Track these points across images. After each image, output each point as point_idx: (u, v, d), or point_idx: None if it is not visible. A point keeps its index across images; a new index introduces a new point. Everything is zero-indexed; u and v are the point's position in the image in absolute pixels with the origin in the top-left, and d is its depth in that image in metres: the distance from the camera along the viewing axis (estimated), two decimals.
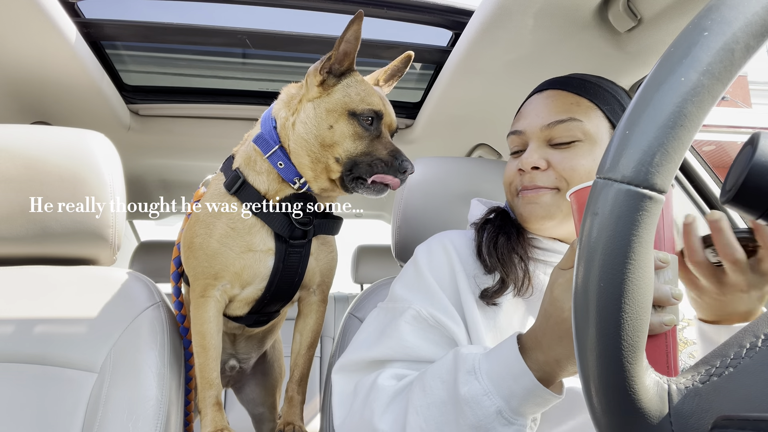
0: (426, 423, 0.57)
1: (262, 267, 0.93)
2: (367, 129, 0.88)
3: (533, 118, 0.77)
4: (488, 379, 0.54)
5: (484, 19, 1.01)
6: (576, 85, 0.77)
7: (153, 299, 0.91)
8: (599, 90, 0.77)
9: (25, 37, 1.08)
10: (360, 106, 0.88)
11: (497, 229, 0.79)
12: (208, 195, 0.97)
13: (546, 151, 0.74)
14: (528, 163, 0.74)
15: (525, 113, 0.80)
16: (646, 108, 0.31)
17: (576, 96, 0.76)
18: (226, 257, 0.91)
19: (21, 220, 0.90)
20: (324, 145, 0.88)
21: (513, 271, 0.72)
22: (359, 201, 2.36)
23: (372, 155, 0.88)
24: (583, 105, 0.75)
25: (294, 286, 0.98)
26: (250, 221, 0.91)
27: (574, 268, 0.33)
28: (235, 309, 1.00)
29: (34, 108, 1.37)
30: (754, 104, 10.91)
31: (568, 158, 0.73)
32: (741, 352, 0.31)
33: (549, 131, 0.74)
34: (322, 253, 1.00)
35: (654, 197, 0.31)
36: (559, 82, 0.79)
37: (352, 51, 0.88)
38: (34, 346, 0.83)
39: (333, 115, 0.88)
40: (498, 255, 0.74)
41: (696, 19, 0.31)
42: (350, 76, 0.91)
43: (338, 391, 0.72)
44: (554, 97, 0.77)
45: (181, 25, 1.24)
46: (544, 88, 0.80)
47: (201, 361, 0.93)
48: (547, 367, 0.52)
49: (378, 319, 0.76)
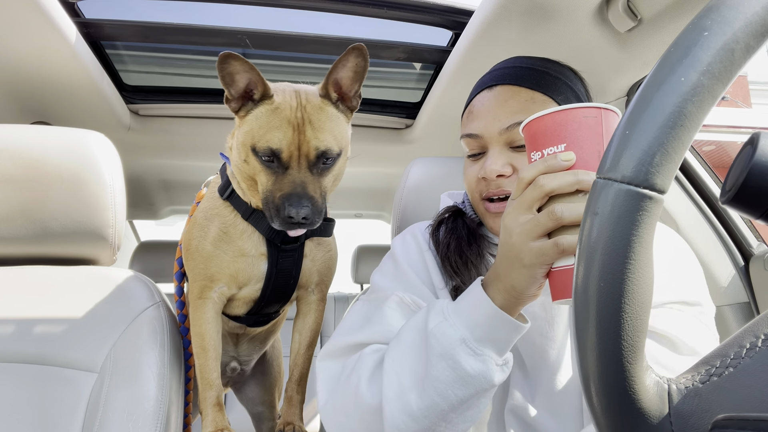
0: (400, 365, 0.60)
1: (255, 271, 0.93)
2: (269, 167, 0.82)
3: (490, 121, 0.73)
4: (453, 313, 0.57)
5: (484, 19, 1.01)
6: (526, 78, 0.74)
7: (153, 299, 0.91)
8: (550, 79, 0.74)
9: (25, 37, 1.08)
10: (259, 143, 0.81)
11: (449, 233, 0.77)
12: (204, 198, 0.98)
13: (509, 155, 0.72)
14: (493, 171, 0.71)
15: (478, 113, 0.75)
16: (646, 108, 0.31)
17: (530, 91, 0.72)
18: (221, 260, 0.91)
19: (21, 220, 0.90)
20: (248, 177, 0.86)
21: (467, 278, 0.71)
22: (359, 201, 2.36)
23: (273, 196, 0.81)
24: (538, 100, 0.72)
25: (290, 288, 0.99)
26: (242, 226, 0.92)
27: (574, 268, 0.33)
28: (235, 308, 1.00)
29: (34, 108, 1.37)
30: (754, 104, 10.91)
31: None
32: (741, 352, 0.31)
33: (508, 134, 0.71)
34: (319, 253, 1.00)
35: (654, 197, 0.31)
36: (509, 75, 0.75)
37: (255, 78, 0.82)
38: (34, 346, 0.83)
39: (244, 149, 0.84)
40: (452, 261, 0.74)
41: (696, 19, 0.31)
42: (263, 105, 0.83)
43: (323, 376, 0.71)
44: (507, 95, 0.73)
45: (181, 25, 1.24)
46: (493, 84, 0.76)
47: (201, 362, 0.93)
48: (505, 294, 0.55)
49: (362, 310, 0.76)
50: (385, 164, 1.85)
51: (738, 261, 1.32)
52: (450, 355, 0.55)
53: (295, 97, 0.83)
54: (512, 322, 0.55)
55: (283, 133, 0.80)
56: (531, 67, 0.75)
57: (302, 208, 0.78)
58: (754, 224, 1.34)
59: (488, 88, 0.76)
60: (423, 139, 1.63)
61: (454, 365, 0.55)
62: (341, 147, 0.85)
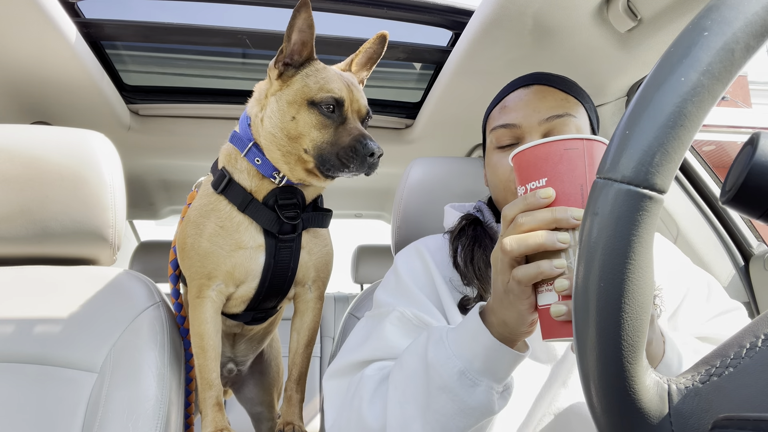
0: (402, 395, 0.60)
1: (253, 264, 0.93)
2: (330, 117, 0.87)
3: (529, 112, 0.76)
4: (453, 343, 0.58)
5: (484, 19, 1.01)
6: (559, 82, 0.80)
7: (153, 299, 0.91)
8: (578, 89, 0.80)
9: (25, 37, 1.08)
10: (319, 95, 0.86)
11: (472, 241, 0.78)
12: (197, 196, 0.98)
13: None
14: None
15: (515, 106, 0.78)
16: (646, 108, 0.31)
17: (563, 93, 0.78)
18: (218, 256, 0.91)
19: (21, 220, 0.90)
20: (291, 138, 0.88)
21: (489, 285, 0.72)
22: (359, 201, 2.36)
23: (337, 144, 0.86)
24: (571, 101, 0.77)
25: (288, 281, 0.99)
26: (238, 219, 0.91)
27: (575, 267, 0.33)
28: (232, 307, 1.00)
29: (34, 108, 1.37)
30: (754, 104, 10.91)
31: None
32: (741, 352, 0.31)
33: (548, 125, 0.75)
34: (316, 246, 1.00)
35: (654, 197, 0.31)
36: (543, 78, 0.80)
37: (308, 39, 0.87)
38: (34, 346, 0.83)
39: (294, 107, 0.87)
40: (475, 270, 0.75)
41: (696, 19, 0.31)
42: (310, 66, 0.89)
43: (330, 395, 0.73)
44: (545, 93, 0.78)
45: (181, 25, 1.24)
46: (529, 83, 0.80)
47: (200, 362, 0.93)
48: (499, 328, 0.55)
49: (365, 327, 0.78)
50: (385, 164, 1.83)
51: (738, 261, 1.32)
52: (450, 388, 0.56)
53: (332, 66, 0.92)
54: (510, 352, 0.55)
55: (341, 85, 0.88)
56: (558, 76, 0.81)
57: (375, 144, 0.85)
58: (754, 224, 1.34)
59: (525, 86, 0.80)
60: (423, 139, 1.63)
61: (455, 398, 0.55)
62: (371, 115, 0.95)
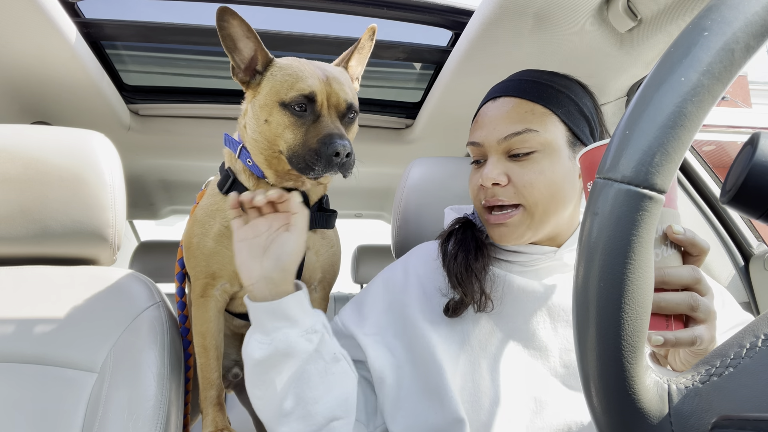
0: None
1: None
2: (301, 116, 0.81)
3: (490, 130, 0.76)
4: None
5: (484, 19, 1.01)
6: (529, 90, 0.76)
7: (153, 299, 0.91)
8: (552, 92, 0.76)
9: (25, 37, 1.08)
10: (289, 94, 0.81)
11: (458, 244, 0.80)
12: (204, 196, 0.98)
13: (506, 165, 0.75)
14: (488, 179, 0.74)
15: (481, 123, 0.79)
16: (646, 108, 0.31)
17: (530, 103, 0.75)
18: (223, 256, 0.90)
19: (21, 220, 0.90)
20: (268, 141, 0.85)
21: (470, 291, 0.74)
22: (359, 201, 2.36)
23: (306, 145, 0.81)
24: (537, 112, 0.74)
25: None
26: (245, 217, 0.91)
27: (575, 267, 0.33)
28: (239, 306, 1.00)
29: (34, 108, 1.37)
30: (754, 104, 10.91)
31: (526, 172, 0.73)
32: (741, 352, 0.31)
33: (506, 144, 0.74)
34: (323, 247, 0.99)
35: (654, 197, 0.31)
36: (513, 88, 0.78)
37: (255, 44, 0.83)
38: (34, 346, 0.83)
39: (266, 110, 0.84)
40: (456, 274, 0.76)
41: (696, 19, 0.31)
42: (272, 66, 0.85)
43: None
44: (508, 107, 0.76)
45: (181, 25, 1.24)
46: (498, 95, 0.79)
47: (202, 361, 0.93)
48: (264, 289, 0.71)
49: None
50: (385, 164, 1.85)
51: (738, 261, 1.32)
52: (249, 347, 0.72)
53: (308, 61, 0.87)
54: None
55: (312, 81, 0.82)
56: (536, 80, 0.78)
57: (344, 143, 0.77)
58: (754, 224, 1.34)
59: (493, 99, 0.79)
60: (423, 139, 1.63)
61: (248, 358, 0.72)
62: (356, 108, 0.88)
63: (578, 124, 0.76)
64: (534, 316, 0.75)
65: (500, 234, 0.76)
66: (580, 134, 0.76)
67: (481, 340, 0.75)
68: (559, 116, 0.75)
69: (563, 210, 0.75)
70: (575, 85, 0.79)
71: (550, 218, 0.75)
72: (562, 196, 0.74)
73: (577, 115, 0.76)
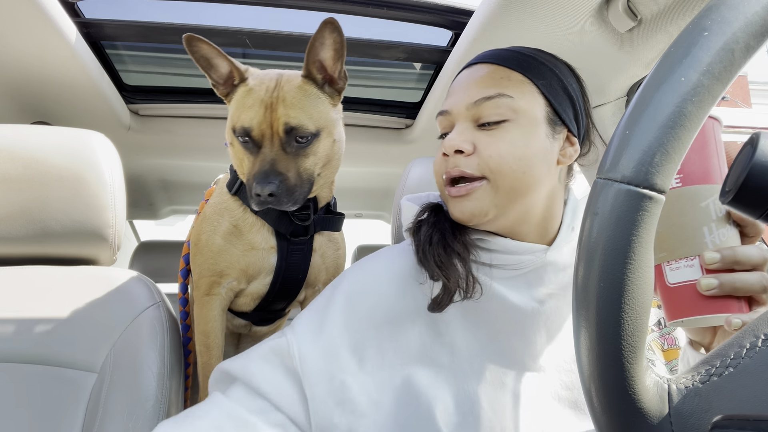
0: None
1: (265, 264, 0.93)
2: (246, 148, 0.83)
3: (460, 96, 0.67)
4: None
5: (484, 19, 1.01)
6: (508, 58, 0.68)
7: (153, 299, 0.91)
8: (534, 63, 0.68)
9: (25, 37, 1.08)
10: (236, 124, 0.82)
11: (431, 228, 0.69)
12: (213, 194, 0.98)
13: (473, 134, 0.65)
14: (450, 146, 0.64)
15: (453, 90, 0.70)
16: (646, 108, 0.31)
17: (507, 69, 0.66)
18: (231, 254, 0.91)
19: (21, 220, 0.90)
20: (238, 162, 0.88)
21: (453, 273, 0.63)
22: (359, 201, 2.36)
23: (248, 179, 0.81)
24: (514, 79, 0.66)
25: (299, 283, 0.98)
26: (251, 220, 0.91)
27: (575, 267, 0.33)
28: (242, 305, 1.00)
29: (34, 108, 1.37)
30: (754, 104, 10.92)
31: (494, 142, 0.63)
32: (741, 352, 0.31)
33: (476, 109, 0.65)
34: (329, 249, 1.00)
35: (654, 197, 0.31)
36: (490, 55, 0.70)
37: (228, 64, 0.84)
38: (34, 346, 0.83)
39: (229, 133, 0.86)
40: (434, 257, 0.65)
41: (696, 19, 0.31)
42: (240, 87, 0.84)
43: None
44: (483, 72, 0.67)
45: (181, 25, 1.24)
46: (473, 62, 0.71)
47: (204, 359, 0.93)
48: None
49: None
50: (385, 164, 1.85)
51: None
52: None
53: (274, 79, 0.83)
54: None
55: (254, 111, 0.80)
56: (518, 50, 0.70)
57: (267, 184, 0.77)
58: None
59: (468, 66, 0.71)
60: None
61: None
62: (319, 126, 0.83)
63: (560, 102, 0.67)
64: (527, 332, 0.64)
65: (461, 209, 0.65)
66: (562, 113, 0.67)
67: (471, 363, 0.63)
68: (539, 87, 0.66)
69: (534, 192, 0.65)
70: (562, 64, 0.72)
71: (519, 198, 0.64)
72: (534, 176, 0.64)
73: (560, 91, 0.67)
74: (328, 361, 0.61)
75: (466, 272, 0.64)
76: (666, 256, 0.50)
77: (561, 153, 0.68)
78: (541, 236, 0.69)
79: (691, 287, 0.48)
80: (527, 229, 0.68)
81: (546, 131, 0.65)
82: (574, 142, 0.69)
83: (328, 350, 0.62)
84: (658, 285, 0.51)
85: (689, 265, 0.48)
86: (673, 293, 0.49)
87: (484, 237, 0.68)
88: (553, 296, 0.66)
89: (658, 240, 0.49)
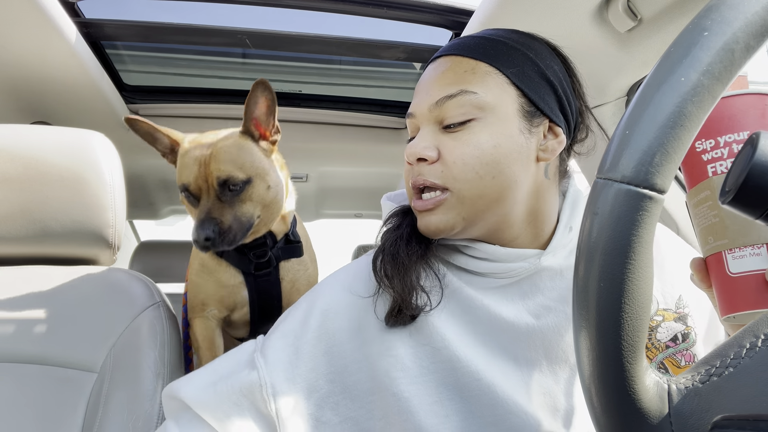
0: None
1: (238, 297, 1.01)
2: (190, 201, 0.92)
3: (422, 96, 0.61)
4: None
5: (484, 19, 1.01)
6: (472, 47, 0.60)
7: (153, 299, 0.91)
8: (503, 49, 0.60)
9: (25, 37, 1.08)
10: (178, 183, 0.93)
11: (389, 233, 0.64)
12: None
13: (438, 138, 0.59)
14: (412, 153, 0.59)
15: (417, 90, 0.63)
16: (646, 108, 0.31)
17: (471, 61, 0.59)
18: (207, 289, 1.00)
19: (21, 220, 0.90)
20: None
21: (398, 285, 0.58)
22: (359, 201, 2.36)
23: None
24: (479, 71, 0.58)
25: (277, 308, 1.05)
26: (216, 261, 1.00)
27: (575, 267, 0.33)
28: (235, 331, 1.09)
29: (34, 108, 1.37)
30: None
31: (459, 146, 0.57)
32: (741, 352, 0.31)
33: (438, 110, 0.58)
34: (299, 273, 1.06)
35: (654, 197, 0.31)
36: (453, 45, 0.62)
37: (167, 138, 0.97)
38: (34, 346, 0.83)
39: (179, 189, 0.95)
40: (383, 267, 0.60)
41: (696, 19, 0.31)
42: (179, 152, 0.96)
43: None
44: (446, 66, 0.60)
45: (181, 25, 1.24)
46: (437, 56, 0.64)
47: (206, 355, 0.99)
48: None
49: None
50: (385, 164, 1.85)
51: None
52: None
53: (211, 138, 0.93)
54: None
55: (190, 169, 0.91)
56: (487, 36, 0.62)
57: (203, 230, 0.85)
58: None
59: (432, 61, 0.64)
60: None
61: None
62: (249, 174, 0.91)
63: (537, 90, 0.59)
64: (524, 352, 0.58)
65: (426, 223, 0.59)
66: (539, 102, 0.59)
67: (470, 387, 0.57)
68: (508, 77, 0.58)
69: (509, 197, 0.58)
70: (541, 45, 0.63)
71: (491, 206, 0.58)
72: (507, 179, 0.57)
73: (535, 78, 0.59)
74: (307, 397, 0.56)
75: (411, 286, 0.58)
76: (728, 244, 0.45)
77: (541, 148, 0.60)
78: (533, 239, 0.63)
79: (756, 277, 0.43)
80: (514, 234, 0.61)
81: (520, 126, 0.58)
82: (558, 133, 0.61)
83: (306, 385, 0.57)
84: (716, 275, 0.46)
85: (756, 254, 0.44)
86: (734, 283, 0.45)
87: (468, 244, 0.62)
88: (551, 310, 0.60)
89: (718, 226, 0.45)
